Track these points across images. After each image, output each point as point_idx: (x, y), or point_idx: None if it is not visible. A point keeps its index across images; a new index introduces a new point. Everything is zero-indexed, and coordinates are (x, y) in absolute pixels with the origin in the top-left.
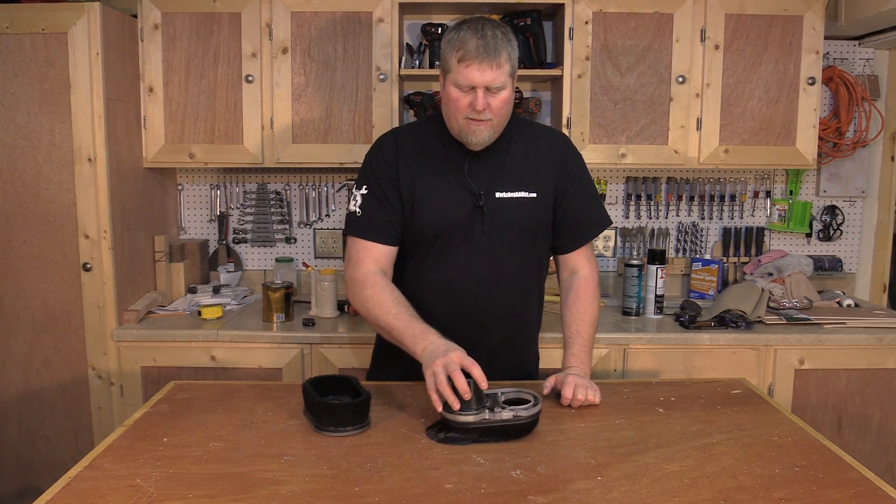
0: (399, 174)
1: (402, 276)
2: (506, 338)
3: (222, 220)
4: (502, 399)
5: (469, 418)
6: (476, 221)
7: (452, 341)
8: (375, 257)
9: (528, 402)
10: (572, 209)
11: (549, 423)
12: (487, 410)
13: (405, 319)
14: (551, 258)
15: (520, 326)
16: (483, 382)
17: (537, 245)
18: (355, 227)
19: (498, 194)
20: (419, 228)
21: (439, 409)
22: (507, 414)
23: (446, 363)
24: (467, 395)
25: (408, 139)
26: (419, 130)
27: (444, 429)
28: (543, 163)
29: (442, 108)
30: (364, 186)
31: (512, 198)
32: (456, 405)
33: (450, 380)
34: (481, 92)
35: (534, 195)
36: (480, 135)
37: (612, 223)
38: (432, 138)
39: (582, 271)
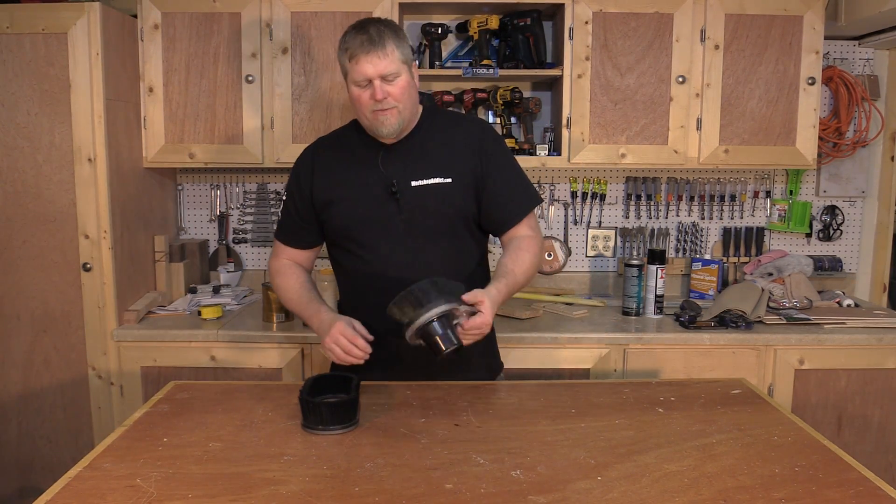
0: (313, 182)
1: (337, 270)
2: None
3: (222, 220)
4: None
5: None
6: (392, 210)
7: (386, 332)
8: (288, 255)
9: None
10: (497, 192)
11: (549, 423)
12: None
13: (304, 301)
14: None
15: None
16: (368, 336)
17: (459, 233)
18: (277, 227)
19: (413, 182)
20: (339, 222)
21: (354, 361)
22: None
23: (334, 339)
24: (367, 349)
25: (326, 144)
26: (340, 133)
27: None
28: (459, 150)
29: (354, 112)
30: (285, 195)
31: (427, 184)
32: (359, 361)
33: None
34: (377, 82)
35: (448, 180)
36: (389, 124)
37: (542, 201)
38: (351, 138)
39: (524, 234)
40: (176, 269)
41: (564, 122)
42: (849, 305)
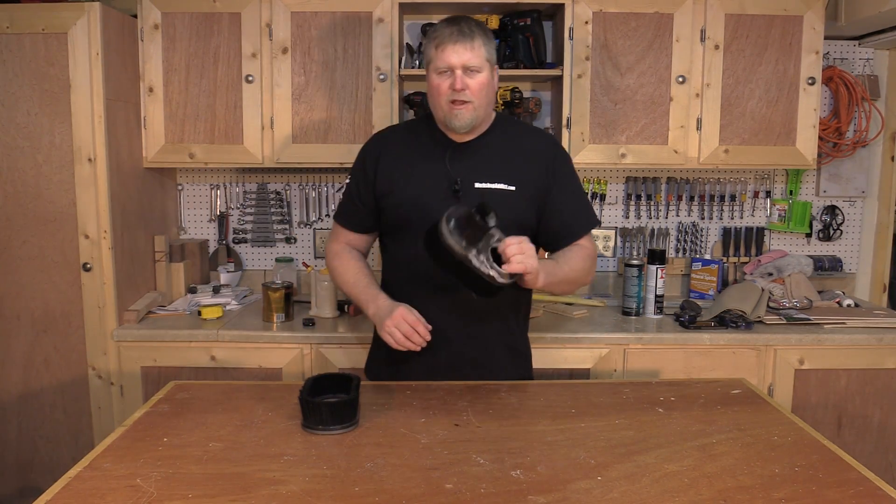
0: (378, 168)
1: (385, 257)
2: (476, 332)
3: (222, 220)
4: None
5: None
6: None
7: (426, 323)
8: (346, 238)
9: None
10: (560, 210)
11: (549, 422)
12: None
13: (361, 286)
14: None
15: (492, 321)
16: (427, 325)
17: None
18: (337, 210)
19: (477, 184)
20: (397, 212)
21: (412, 347)
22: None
23: (396, 323)
24: (427, 336)
25: (398, 131)
26: (411, 124)
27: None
28: (527, 160)
29: (429, 102)
30: (350, 178)
31: (490, 188)
32: (417, 347)
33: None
34: (459, 72)
35: (513, 188)
36: (463, 118)
37: (600, 224)
38: (422, 132)
39: (582, 244)
40: (176, 269)
41: (564, 122)
42: (849, 305)
